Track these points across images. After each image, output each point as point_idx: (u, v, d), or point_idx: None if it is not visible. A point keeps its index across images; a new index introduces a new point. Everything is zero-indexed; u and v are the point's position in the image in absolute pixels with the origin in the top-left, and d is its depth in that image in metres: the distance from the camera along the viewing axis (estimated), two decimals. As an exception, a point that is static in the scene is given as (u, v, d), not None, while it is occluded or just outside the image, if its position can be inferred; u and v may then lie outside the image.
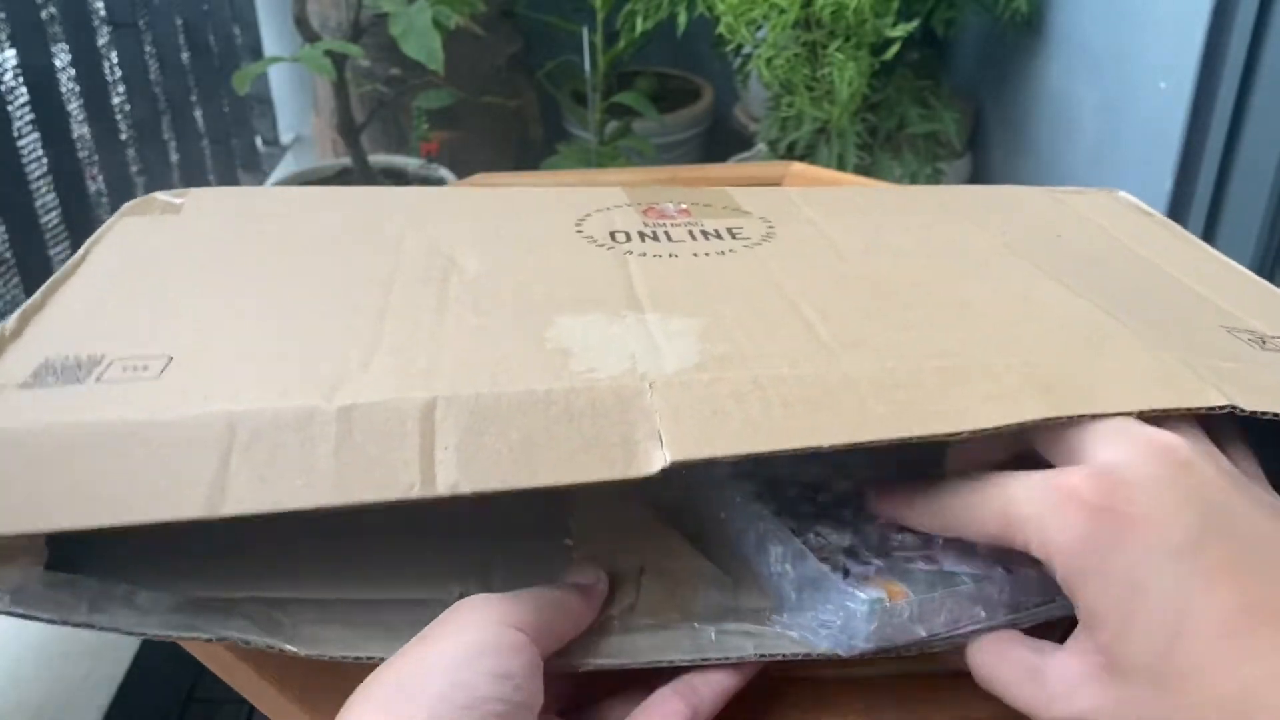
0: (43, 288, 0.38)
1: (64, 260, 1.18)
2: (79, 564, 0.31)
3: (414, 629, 0.29)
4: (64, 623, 0.30)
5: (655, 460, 0.29)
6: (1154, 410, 0.30)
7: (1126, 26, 1.23)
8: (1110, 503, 0.26)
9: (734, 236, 0.44)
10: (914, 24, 1.30)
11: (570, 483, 0.28)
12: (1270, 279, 0.43)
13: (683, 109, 1.79)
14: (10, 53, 1.10)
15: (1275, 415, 0.31)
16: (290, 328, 0.35)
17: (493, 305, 0.36)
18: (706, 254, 0.42)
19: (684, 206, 0.47)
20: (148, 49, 1.46)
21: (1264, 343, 0.37)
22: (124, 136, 1.35)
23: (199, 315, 0.36)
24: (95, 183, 1.28)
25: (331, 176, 1.48)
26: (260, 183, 1.75)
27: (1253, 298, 0.42)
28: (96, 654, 1.05)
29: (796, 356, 0.33)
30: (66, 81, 1.22)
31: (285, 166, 1.88)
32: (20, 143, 1.09)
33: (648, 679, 0.32)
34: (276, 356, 0.33)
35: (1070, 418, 0.30)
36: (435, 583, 0.33)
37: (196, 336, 0.34)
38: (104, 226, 0.43)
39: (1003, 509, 0.28)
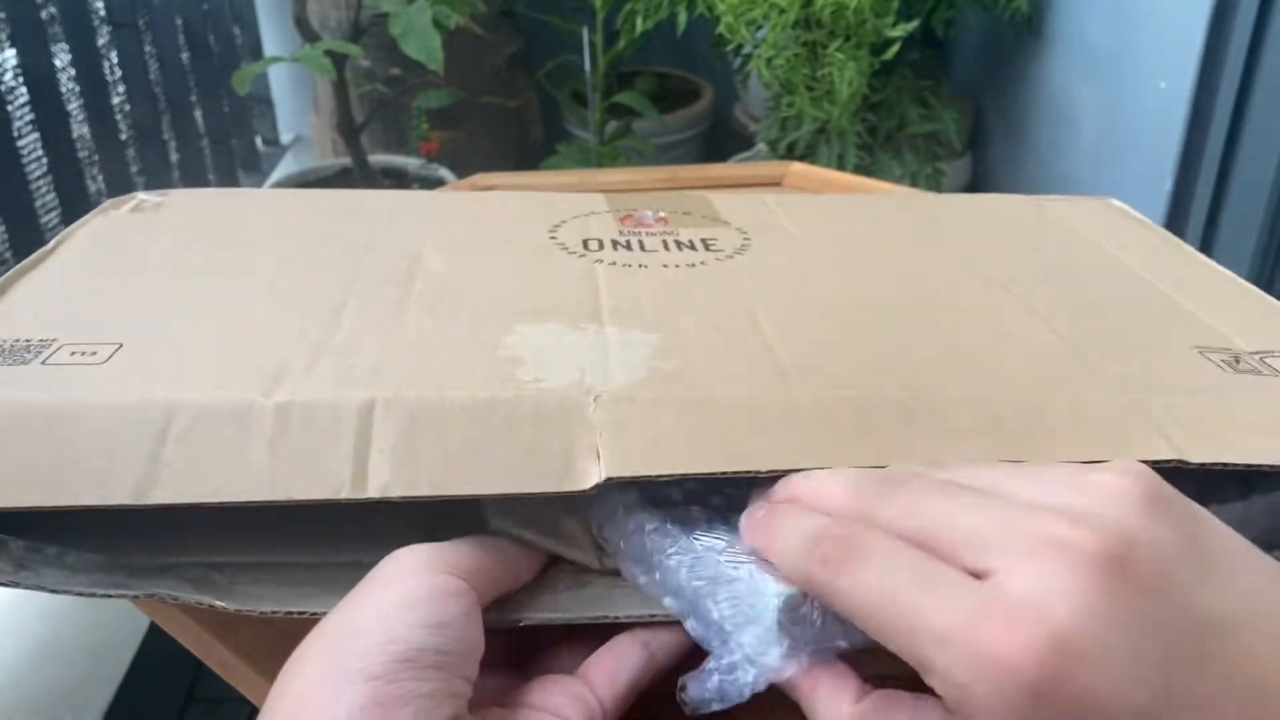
0: (6, 275, 0.38)
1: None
2: (11, 531, 0.31)
3: (351, 586, 0.29)
4: None
5: (590, 476, 0.28)
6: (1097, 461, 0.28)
7: (1126, 26, 1.23)
8: (1054, 675, 0.21)
9: (708, 248, 0.44)
10: (914, 24, 1.29)
11: (504, 493, 0.28)
12: (1270, 281, 0.43)
13: (683, 109, 1.79)
14: (10, 53, 1.10)
15: (1224, 466, 0.30)
16: (244, 324, 0.35)
17: (452, 308, 0.37)
18: (677, 265, 0.42)
19: (662, 215, 0.47)
20: (147, 49, 1.45)
21: (1237, 362, 0.36)
22: (124, 136, 1.35)
23: (155, 308, 0.36)
24: (95, 183, 1.28)
25: (331, 176, 1.48)
26: (260, 183, 1.75)
27: (1236, 308, 0.41)
28: (96, 654, 1.05)
29: (749, 377, 0.33)
30: (66, 81, 1.22)
31: (285, 166, 1.88)
32: (20, 143, 1.09)
33: (602, 633, 0.31)
34: (225, 350, 0.33)
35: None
36: (378, 550, 0.32)
37: (149, 327, 0.35)
38: (79, 221, 0.44)
39: (913, 631, 0.23)
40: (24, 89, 1.12)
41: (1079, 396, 0.33)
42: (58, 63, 1.19)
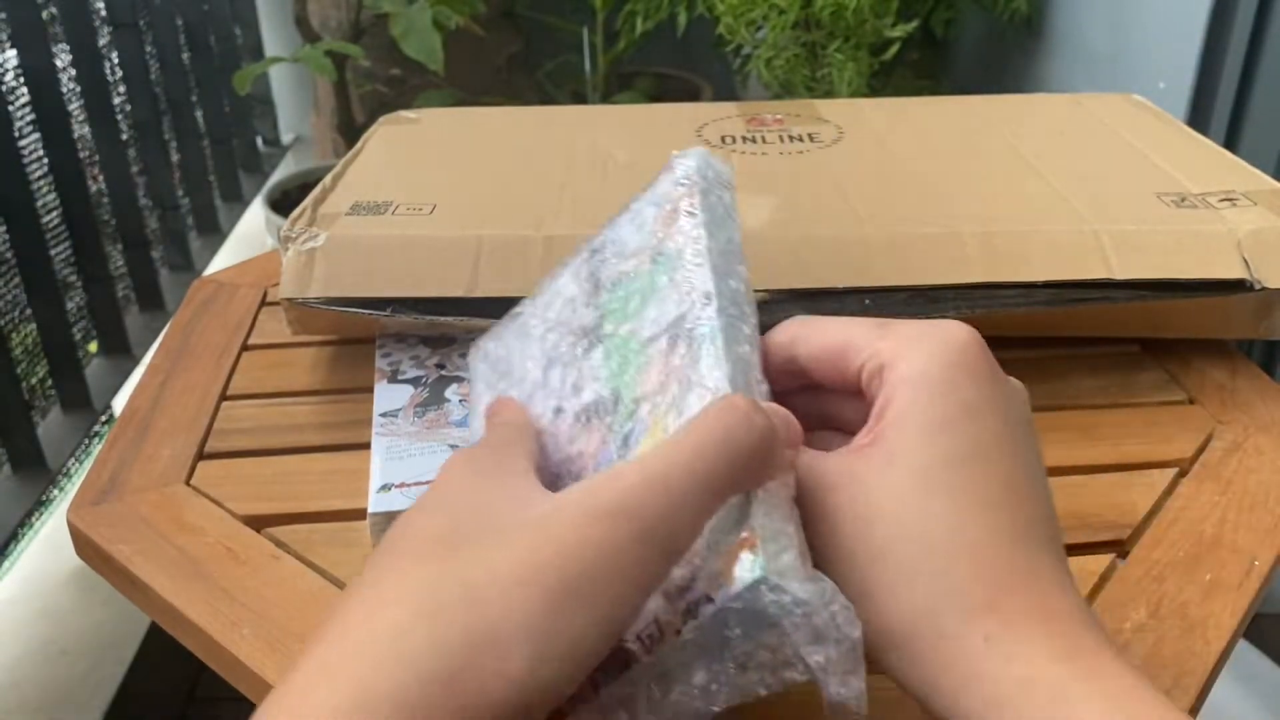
0: (338, 165, 0.59)
1: (64, 260, 1.19)
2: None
3: None
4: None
5: None
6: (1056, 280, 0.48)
7: (1126, 27, 1.23)
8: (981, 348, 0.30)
9: (812, 140, 0.61)
10: (913, 24, 1.30)
11: None
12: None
13: (683, 109, 1.78)
14: (11, 53, 1.10)
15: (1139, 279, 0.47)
16: (508, 190, 0.56)
17: (634, 181, 0.52)
18: (788, 153, 0.59)
19: (779, 116, 0.65)
20: (148, 49, 1.45)
21: (1183, 200, 0.51)
22: (124, 136, 1.35)
23: (450, 182, 0.57)
24: (96, 183, 1.28)
25: (332, 177, 1.48)
26: (260, 184, 1.75)
27: (1198, 163, 0.55)
28: (96, 654, 1.05)
29: (835, 223, 0.51)
30: (67, 82, 1.22)
31: (285, 166, 1.88)
32: (21, 143, 1.09)
33: None
34: (502, 206, 0.53)
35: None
36: None
37: (451, 194, 0.55)
38: (368, 132, 0.65)
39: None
40: (25, 89, 1.12)
41: (1053, 230, 0.49)
42: (58, 63, 1.19)
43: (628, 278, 0.35)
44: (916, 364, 0.28)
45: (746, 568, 0.24)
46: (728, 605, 0.25)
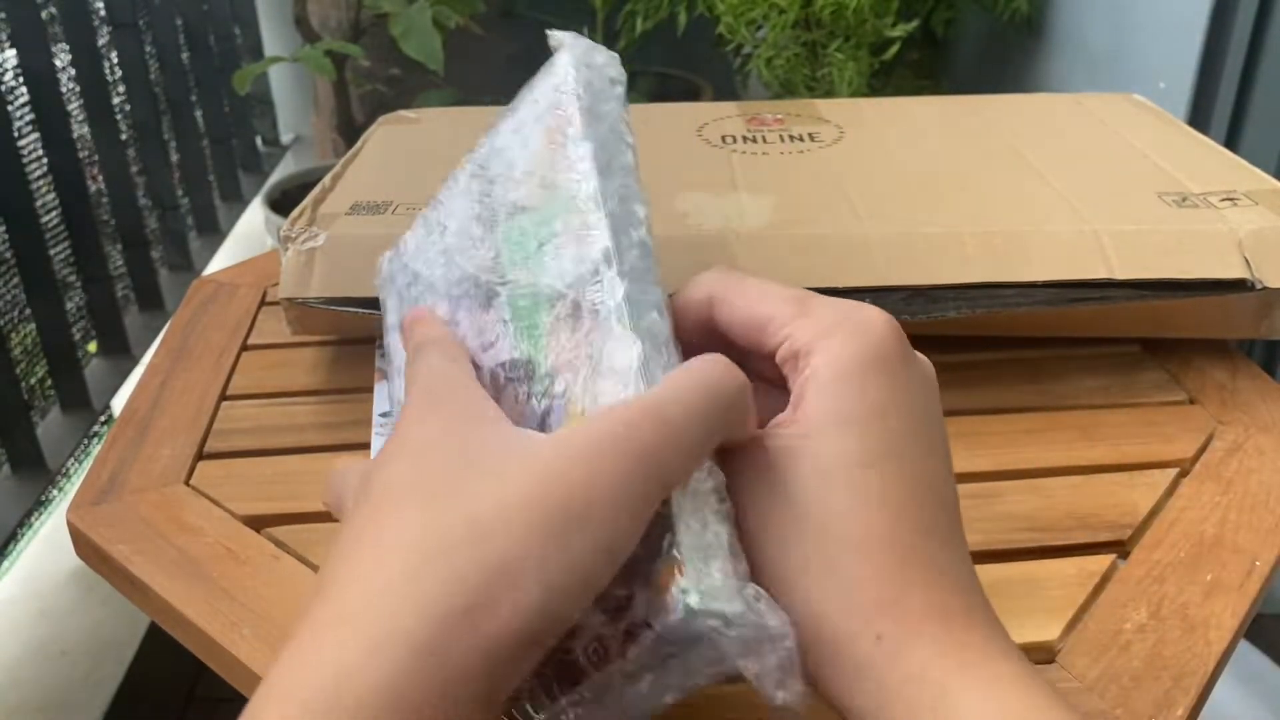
0: (338, 165, 0.59)
1: (64, 260, 1.19)
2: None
3: None
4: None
5: None
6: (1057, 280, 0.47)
7: (1126, 27, 1.23)
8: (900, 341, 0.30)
9: (813, 140, 0.61)
10: (914, 24, 1.29)
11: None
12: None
13: (683, 109, 1.78)
14: (10, 53, 1.10)
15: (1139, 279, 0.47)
16: None
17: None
18: (789, 153, 0.59)
19: (779, 116, 0.65)
20: (148, 49, 1.45)
21: (1184, 200, 0.51)
22: (124, 136, 1.35)
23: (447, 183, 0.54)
24: (95, 183, 1.28)
25: (331, 176, 1.48)
26: (260, 184, 1.75)
27: (1199, 163, 0.55)
28: (96, 654, 1.05)
29: (836, 223, 0.50)
30: (66, 81, 1.22)
31: (285, 166, 1.88)
32: (20, 143, 1.09)
33: None
34: None
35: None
36: None
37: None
38: (368, 132, 0.65)
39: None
40: (24, 89, 1.12)
41: (1053, 230, 0.49)
42: (58, 63, 1.19)
43: (522, 210, 0.32)
44: (828, 357, 0.28)
45: (677, 595, 0.25)
46: (664, 632, 0.25)
